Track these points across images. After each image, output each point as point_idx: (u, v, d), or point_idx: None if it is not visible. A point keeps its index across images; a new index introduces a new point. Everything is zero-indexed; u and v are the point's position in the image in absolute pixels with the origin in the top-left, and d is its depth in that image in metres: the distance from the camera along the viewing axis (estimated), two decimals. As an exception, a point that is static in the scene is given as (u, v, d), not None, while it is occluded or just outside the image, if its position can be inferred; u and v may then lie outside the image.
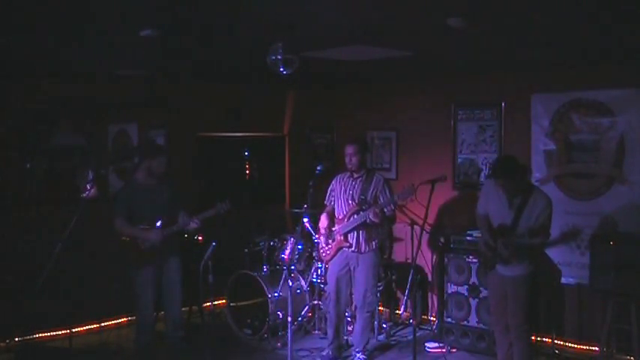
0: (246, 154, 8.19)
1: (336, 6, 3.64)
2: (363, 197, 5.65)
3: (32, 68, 6.08)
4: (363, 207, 5.61)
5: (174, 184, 5.96)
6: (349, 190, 5.75)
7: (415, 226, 6.64)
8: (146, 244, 5.57)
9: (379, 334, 6.54)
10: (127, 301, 5.97)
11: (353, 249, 5.69)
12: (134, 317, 6.06)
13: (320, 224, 5.92)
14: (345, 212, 5.74)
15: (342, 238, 5.72)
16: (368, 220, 5.56)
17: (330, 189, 5.97)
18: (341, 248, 5.75)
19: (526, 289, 4.99)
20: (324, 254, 5.92)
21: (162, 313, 6.14)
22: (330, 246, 5.84)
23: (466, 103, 6.83)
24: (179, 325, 5.99)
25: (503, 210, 4.98)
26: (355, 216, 5.65)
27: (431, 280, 6.99)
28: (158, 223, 5.59)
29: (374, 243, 5.73)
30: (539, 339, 6.04)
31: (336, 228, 5.80)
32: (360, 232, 5.66)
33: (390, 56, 5.41)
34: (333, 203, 5.91)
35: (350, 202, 5.72)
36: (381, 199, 5.62)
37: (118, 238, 5.65)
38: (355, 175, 5.76)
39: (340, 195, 5.80)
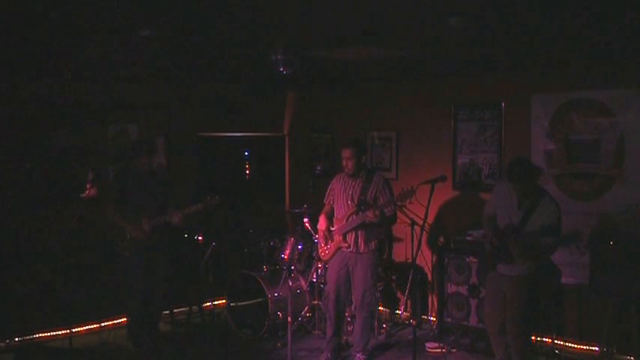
0: (246, 154, 8.19)
1: (337, 6, 3.64)
2: (362, 198, 5.64)
3: (32, 68, 6.09)
4: (362, 207, 5.61)
5: (168, 178, 6.01)
6: (349, 190, 5.74)
7: (415, 226, 6.64)
8: (133, 235, 5.63)
9: (379, 334, 6.54)
10: (124, 297, 5.98)
11: (351, 249, 5.69)
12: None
13: (319, 224, 5.91)
14: (344, 212, 5.73)
15: (341, 238, 5.72)
16: (367, 221, 5.56)
17: (329, 188, 5.97)
18: (340, 248, 5.75)
19: (525, 290, 4.99)
20: (322, 254, 5.92)
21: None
22: (329, 246, 5.83)
23: (466, 103, 6.82)
24: (152, 327, 5.95)
25: (512, 211, 4.98)
26: (354, 216, 5.64)
27: (431, 280, 6.99)
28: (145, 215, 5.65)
29: (373, 243, 5.73)
30: (539, 339, 6.04)
31: (334, 228, 5.80)
32: (359, 232, 5.66)
33: (390, 56, 5.42)
34: (332, 203, 5.90)
35: (349, 202, 5.71)
36: (381, 199, 5.62)
37: (109, 225, 5.71)
38: (355, 176, 5.75)
39: (340, 195, 5.80)
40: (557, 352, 5.93)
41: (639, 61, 5.53)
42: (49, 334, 6.41)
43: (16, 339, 6.22)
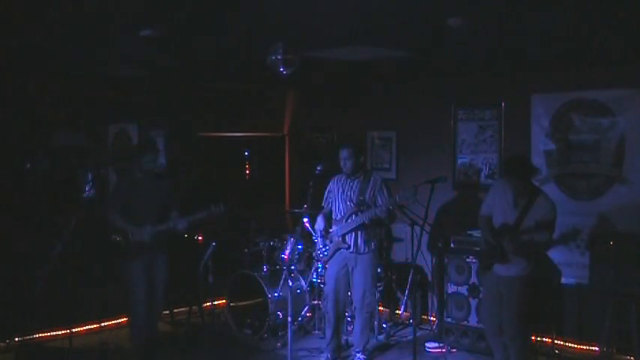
0: (246, 154, 8.19)
1: (337, 6, 3.64)
2: (361, 198, 5.64)
3: (33, 68, 6.08)
4: (362, 208, 5.61)
5: (171, 182, 5.97)
6: (347, 191, 5.74)
7: (415, 226, 6.63)
8: (135, 238, 5.59)
9: (379, 334, 6.54)
10: (127, 301, 5.98)
11: (351, 250, 5.69)
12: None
13: (316, 225, 5.91)
14: (343, 213, 5.73)
15: (340, 239, 5.71)
16: (366, 221, 5.56)
17: (327, 190, 5.96)
18: (339, 249, 5.74)
19: (522, 291, 4.98)
20: (321, 255, 5.92)
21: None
22: (327, 247, 5.83)
23: (466, 103, 6.83)
24: (151, 329, 5.93)
25: (508, 209, 4.99)
26: (354, 217, 5.64)
27: (431, 280, 6.99)
28: (148, 220, 5.60)
29: (372, 244, 5.73)
30: (539, 339, 6.04)
31: (333, 229, 5.79)
32: (359, 232, 5.66)
33: (390, 56, 5.42)
34: (330, 205, 5.90)
35: (348, 203, 5.71)
36: (380, 199, 5.62)
37: (110, 232, 5.68)
38: (353, 177, 5.75)
39: (338, 196, 5.79)
40: (557, 352, 5.93)
41: (639, 61, 5.53)
42: (49, 334, 6.41)
43: (16, 339, 6.21)
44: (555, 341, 5.95)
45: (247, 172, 8.21)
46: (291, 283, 5.86)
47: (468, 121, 6.81)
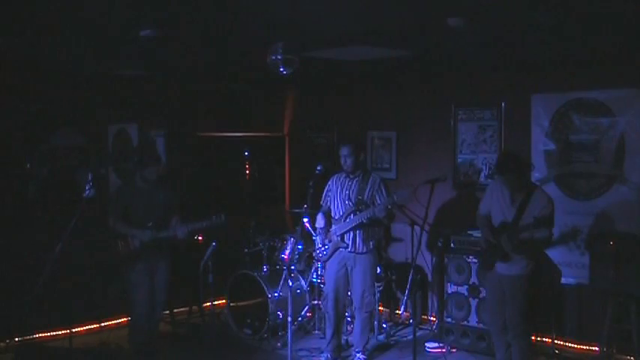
0: (246, 154, 8.19)
1: (337, 6, 3.64)
2: (360, 197, 5.64)
3: (33, 68, 6.08)
4: (360, 207, 5.61)
5: (170, 187, 5.97)
6: (346, 190, 5.74)
7: (415, 226, 6.63)
8: (135, 243, 5.58)
9: (379, 334, 6.54)
10: (127, 301, 5.98)
11: (350, 249, 5.68)
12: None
13: (317, 223, 5.91)
14: (341, 212, 5.73)
15: (339, 238, 5.71)
16: (365, 220, 5.56)
17: (326, 189, 5.96)
18: (338, 248, 5.74)
19: (524, 290, 4.98)
20: (320, 254, 5.92)
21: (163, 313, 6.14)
22: (327, 246, 5.83)
23: (466, 103, 6.83)
24: (151, 332, 5.92)
25: (505, 207, 4.99)
26: (352, 216, 5.64)
27: (431, 280, 6.99)
28: (149, 225, 5.60)
29: (371, 243, 5.72)
30: (539, 339, 6.04)
31: (332, 228, 5.79)
32: (358, 232, 5.65)
33: (390, 56, 5.42)
34: (329, 203, 5.90)
35: (347, 202, 5.71)
36: (378, 199, 5.61)
37: (112, 237, 5.68)
38: (352, 176, 5.75)
39: (337, 195, 5.79)
40: (557, 352, 5.93)
41: (639, 61, 5.53)
42: (49, 334, 6.41)
43: (16, 339, 6.21)
44: (555, 341, 5.95)
45: (247, 172, 8.20)
46: (291, 283, 5.86)
47: (468, 121, 6.81)
